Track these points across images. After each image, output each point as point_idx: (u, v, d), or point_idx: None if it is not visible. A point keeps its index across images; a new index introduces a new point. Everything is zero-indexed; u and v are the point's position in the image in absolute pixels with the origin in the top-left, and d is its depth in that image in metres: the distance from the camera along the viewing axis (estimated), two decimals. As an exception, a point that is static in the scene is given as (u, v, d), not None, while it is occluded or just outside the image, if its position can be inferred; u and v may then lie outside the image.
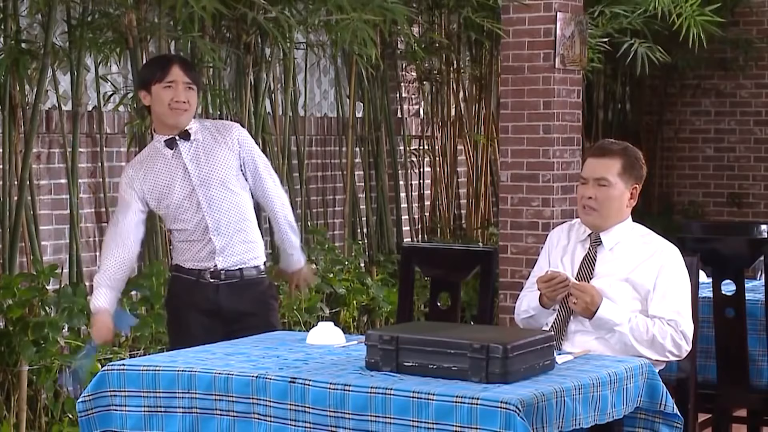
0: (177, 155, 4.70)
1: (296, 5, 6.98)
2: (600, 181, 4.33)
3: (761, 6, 10.28)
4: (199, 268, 4.73)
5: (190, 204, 4.69)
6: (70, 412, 5.67)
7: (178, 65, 4.69)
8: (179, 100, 4.64)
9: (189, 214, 4.70)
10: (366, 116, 8.18)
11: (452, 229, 8.89)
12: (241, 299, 4.72)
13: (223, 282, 4.72)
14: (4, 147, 6.02)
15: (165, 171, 4.71)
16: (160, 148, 4.72)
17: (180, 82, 4.65)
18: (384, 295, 7.44)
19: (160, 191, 4.71)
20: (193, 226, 4.70)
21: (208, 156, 4.70)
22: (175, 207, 4.71)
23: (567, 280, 4.29)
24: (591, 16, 7.81)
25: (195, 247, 4.74)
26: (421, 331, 3.68)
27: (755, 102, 10.35)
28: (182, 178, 4.69)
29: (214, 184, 4.69)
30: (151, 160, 4.75)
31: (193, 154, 4.70)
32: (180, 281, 4.80)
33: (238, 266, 4.73)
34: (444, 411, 3.32)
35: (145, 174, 4.72)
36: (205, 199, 4.68)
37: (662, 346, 4.20)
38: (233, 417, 3.62)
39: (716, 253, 5.29)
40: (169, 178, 4.70)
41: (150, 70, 4.75)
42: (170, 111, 4.65)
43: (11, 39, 6.02)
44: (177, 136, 4.70)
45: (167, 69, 4.66)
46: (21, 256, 6.06)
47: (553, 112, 7.12)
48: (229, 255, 4.72)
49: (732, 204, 10.41)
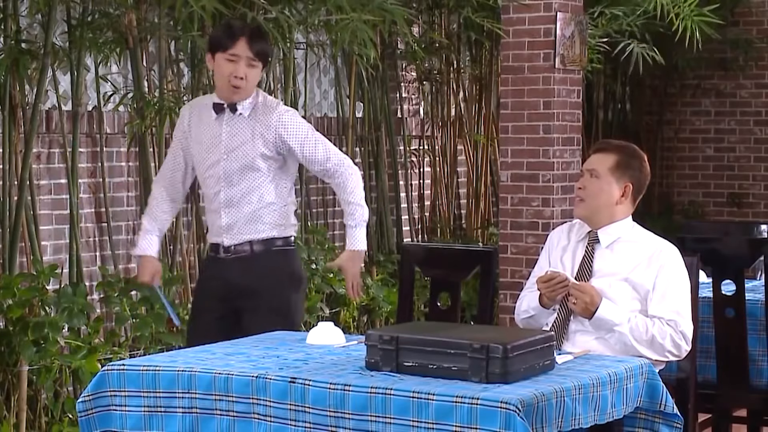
0: (219, 122, 4.76)
1: (296, 5, 6.97)
2: (591, 172, 4.38)
3: (761, 6, 10.28)
4: (215, 242, 4.82)
5: (214, 172, 4.76)
6: (70, 412, 5.68)
7: (245, 39, 4.67)
8: (238, 75, 4.66)
9: (211, 182, 4.77)
10: (366, 116, 8.19)
11: (452, 229, 8.89)
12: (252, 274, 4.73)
13: (234, 256, 4.76)
14: (4, 147, 6.02)
15: (205, 127, 4.79)
16: (210, 107, 4.79)
17: (243, 56, 4.66)
18: (384, 295, 7.44)
19: (197, 140, 4.79)
20: (211, 194, 4.78)
21: (243, 132, 4.73)
22: (202, 166, 4.79)
23: (567, 280, 4.29)
24: (591, 16, 7.81)
25: (211, 218, 4.83)
26: (421, 331, 3.68)
27: (755, 102, 10.35)
28: (214, 144, 4.75)
29: (237, 161, 4.72)
30: (201, 109, 4.84)
31: (231, 127, 4.74)
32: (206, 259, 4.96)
33: (247, 241, 4.76)
34: (444, 411, 3.32)
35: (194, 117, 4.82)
36: (224, 173, 4.73)
37: (662, 346, 4.20)
38: (233, 417, 3.62)
39: (716, 253, 5.29)
40: (205, 135, 4.78)
41: (218, 37, 4.75)
42: (227, 85, 4.69)
43: (11, 39, 6.02)
44: (226, 104, 4.74)
45: (234, 41, 4.66)
46: (21, 256, 6.06)
47: (553, 112, 7.12)
48: (236, 234, 4.76)
49: (732, 204, 10.41)
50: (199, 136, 4.80)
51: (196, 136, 4.81)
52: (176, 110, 6.50)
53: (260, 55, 4.70)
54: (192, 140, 4.82)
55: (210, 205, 4.81)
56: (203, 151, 4.78)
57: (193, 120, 4.83)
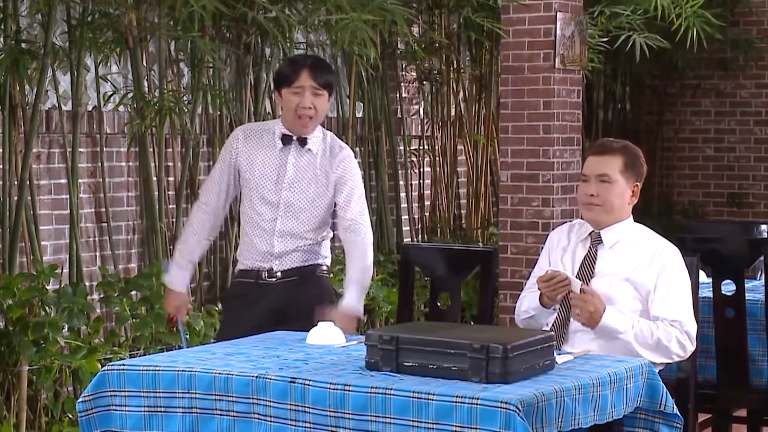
0: (285, 153, 4.77)
1: (296, 5, 6.97)
2: (602, 177, 4.34)
3: (761, 6, 10.27)
4: (257, 268, 4.78)
5: (273, 200, 4.75)
6: (70, 412, 5.68)
7: (307, 70, 4.72)
8: (305, 105, 4.69)
9: (268, 208, 4.75)
10: (366, 116, 8.18)
11: (452, 229, 8.89)
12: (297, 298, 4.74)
13: (280, 280, 4.75)
14: (4, 147, 6.02)
15: (268, 156, 4.78)
16: (275, 137, 4.79)
17: (307, 87, 4.70)
18: (384, 295, 7.43)
19: (257, 167, 4.77)
20: (264, 222, 4.75)
21: (309, 169, 4.75)
22: (259, 192, 4.76)
23: (567, 279, 4.29)
24: (591, 15, 7.81)
25: (259, 245, 4.77)
26: (421, 331, 3.68)
27: (755, 102, 10.35)
28: (277, 175, 4.75)
29: (299, 194, 4.74)
30: (263, 137, 4.81)
31: (297, 160, 4.76)
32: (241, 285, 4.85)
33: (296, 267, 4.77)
34: (444, 411, 3.32)
35: (252, 145, 4.79)
36: (284, 203, 4.74)
37: (667, 349, 4.20)
38: (233, 417, 3.62)
39: (716, 253, 5.30)
40: (267, 164, 4.77)
41: (281, 73, 4.81)
42: (296, 118, 4.71)
43: (11, 39, 6.02)
44: (296, 137, 4.76)
45: (297, 74, 4.71)
46: (21, 256, 6.06)
47: (553, 112, 7.12)
48: (289, 260, 4.78)
49: (732, 204, 10.41)
50: (256, 161, 4.77)
51: (251, 160, 4.78)
52: (176, 110, 6.51)
53: (325, 85, 4.74)
54: (245, 163, 4.78)
55: (257, 230, 4.77)
56: (265, 179, 4.75)
57: (249, 143, 4.80)
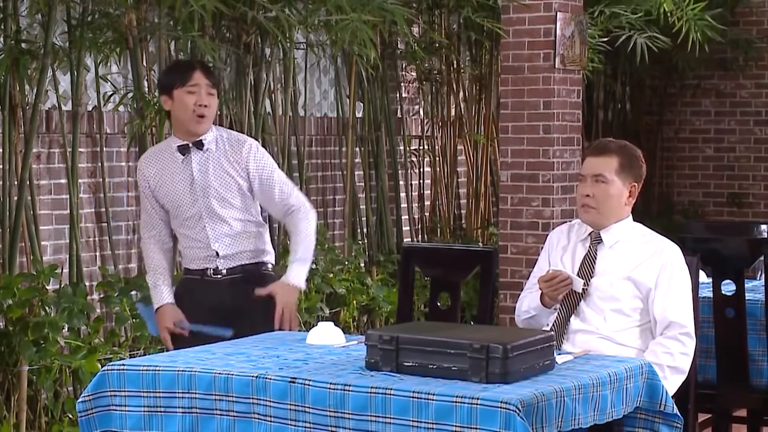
0: (187, 162, 4.78)
1: (296, 5, 6.97)
2: (598, 177, 4.34)
3: (761, 6, 10.27)
4: (202, 268, 4.81)
5: (194, 211, 4.77)
6: (70, 412, 5.68)
7: (200, 70, 4.77)
8: (202, 103, 4.71)
9: (192, 221, 4.78)
10: (366, 116, 8.18)
11: (452, 229, 8.89)
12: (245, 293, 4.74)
13: (224, 278, 4.78)
14: (4, 147, 6.02)
15: (174, 173, 4.79)
16: (173, 151, 4.80)
17: (203, 85, 4.74)
18: (384, 295, 7.44)
19: (167, 188, 4.79)
20: (195, 233, 4.79)
21: (216, 168, 4.77)
22: (180, 210, 4.79)
23: (568, 278, 4.29)
24: (591, 15, 7.81)
25: (199, 253, 4.81)
26: (421, 331, 3.68)
27: (755, 102, 10.35)
28: (188, 185, 4.77)
29: (215, 196, 4.76)
30: (163, 156, 4.83)
31: (202, 164, 4.77)
32: (186, 282, 4.89)
33: (240, 265, 4.81)
34: (444, 411, 3.32)
35: (155, 168, 4.81)
36: (206, 210, 4.76)
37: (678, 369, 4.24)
38: (233, 417, 3.62)
39: (716, 253, 5.30)
40: (176, 180, 4.78)
41: (172, 74, 4.84)
42: (192, 116, 4.72)
43: (11, 39, 6.02)
44: (191, 143, 4.77)
45: (190, 73, 4.74)
46: (21, 256, 6.06)
47: (553, 112, 7.12)
48: (231, 260, 4.80)
49: (732, 204, 10.41)
50: (168, 184, 4.79)
51: (163, 185, 4.79)
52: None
53: (216, 84, 4.81)
54: (160, 190, 4.80)
55: (194, 243, 4.80)
56: (179, 196, 4.78)
57: (154, 171, 4.81)
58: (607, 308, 4.31)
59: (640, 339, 4.31)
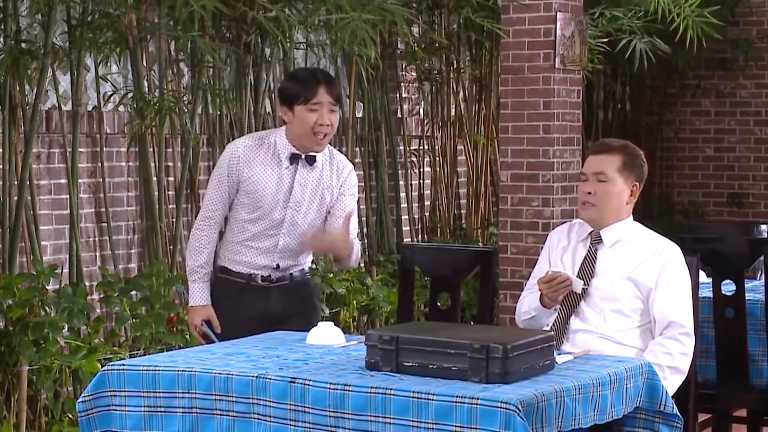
0: (292, 171, 4.68)
1: (296, 5, 6.97)
2: (599, 176, 4.35)
3: (761, 6, 10.27)
4: (250, 272, 4.74)
5: (276, 219, 4.69)
6: (70, 412, 5.68)
7: (324, 85, 4.62)
8: (324, 123, 4.61)
9: (268, 226, 4.69)
10: (366, 116, 8.18)
11: (452, 229, 8.89)
12: (290, 300, 4.74)
13: (272, 284, 4.74)
14: (4, 147, 6.02)
15: (271, 172, 4.68)
16: (281, 154, 4.68)
17: (325, 103, 4.61)
18: (384, 295, 7.44)
19: (261, 187, 4.67)
20: (264, 239, 4.71)
21: (316, 187, 4.70)
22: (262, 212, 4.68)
23: (568, 279, 4.29)
24: (591, 17, 7.81)
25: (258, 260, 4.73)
26: (421, 331, 3.68)
27: (755, 102, 10.34)
28: (283, 192, 4.67)
29: (303, 213, 4.70)
30: (265, 152, 4.70)
31: (305, 178, 4.69)
32: (228, 284, 4.77)
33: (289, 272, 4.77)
34: (444, 411, 3.32)
35: (259, 164, 4.67)
36: (289, 221, 4.69)
37: (678, 369, 4.24)
38: (233, 417, 3.62)
39: (716, 253, 5.30)
40: (273, 183, 4.67)
41: (295, 88, 4.66)
42: (312, 135, 4.61)
43: (11, 39, 6.02)
44: (304, 155, 4.68)
45: (314, 90, 4.60)
46: (21, 256, 6.06)
47: (553, 112, 7.12)
48: (286, 267, 4.75)
49: (732, 204, 10.41)
50: (260, 178, 4.68)
51: (255, 177, 4.67)
52: (176, 110, 6.51)
53: (338, 99, 4.69)
54: (247, 180, 4.68)
55: (256, 243, 4.71)
56: (268, 196, 4.67)
57: (251, 160, 4.68)
58: (607, 308, 4.31)
59: (640, 339, 4.31)
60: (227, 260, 4.77)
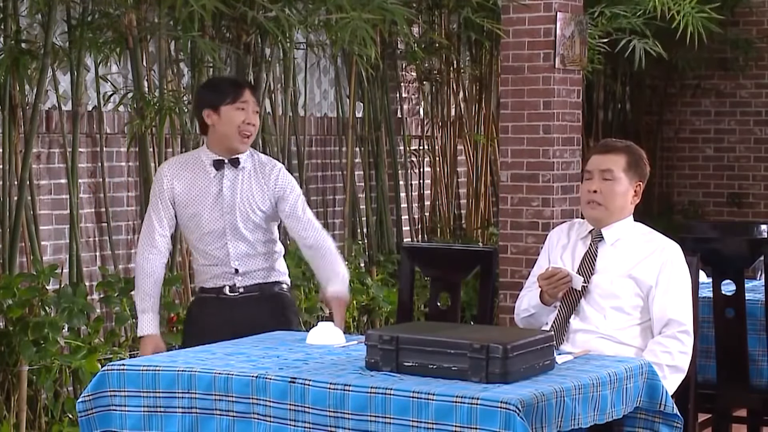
0: (218, 177, 4.73)
1: (296, 5, 6.97)
2: (605, 174, 4.35)
3: (761, 6, 10.27)
4: (218, 286, 4.77)
5: (216, 227, 4.72)
6: (70, 412, 5.68)
7: (248, 89, 4.76)
8: (250, 122, 4.68)
9: (213, 237, 4.73)
10: (366, 116, 8.18)
11: (452, 229, 8.89)
12: (260, 313, 4.73)
13: (241, 295, 4.75)
14: (4, 147, 6.02)
15: (202, 186, 4.73)
16: (206, 164, 4.74)
17: (251, 103, 4.71)
18: (384, 295, 7.43)
19: (193, 201, 4.73)
20: (215, 249, 4.73)
21: (245, 187, 4.73)
22: (201, 224, 4.73)
23: (568, 276, 4.30)
24: (591, 16, 7.81)
25: (217, 270, 4.76)
26: (421, 331, 3.68)
27: (755, 102, 10.35)
28: (214, 200, 4.72)
29: (241, 215, 4.71)
30: (192, 168, 4.76)
31: (232, 182, 4.73)
32: (200, 301, 4.84)
33: (257, 283, 4.77)
34: (444, 411, 3.32)
35: (184, 180, 4.74)
36: (230, 227, 4.71)
37: (678, 368, 4.24)
38: (233, 417, 3.62)
39: (716, 253, 5.30)
40: (203, 194, 4.72)
41: (221, 90, 4.75)
42: (238, 134, 4.68)
43: (11, 39, 6.02)
44: (227, 159, 4.73)
45: (241, 91, 4.71)
46: (21, 256, 6.06)
47: (553, 112, 7.12)
48: (249, 277, 4.76)
49: (732, 204, 10.41)
50: (194, 197, 4.73)
51: (190, 197, 4.73)
52: (176, 110, 6.51)
53: (258, 104, 4.80)
54: (185, 203, 4.73)
55: (212, 260, 4.74)
56: (204, 210, 4.72)
57: (182, 183, 4.74)
58: (607, 306, 4.31)
59: (640, 337, 4.31)
60: (198, 280, 4.86)
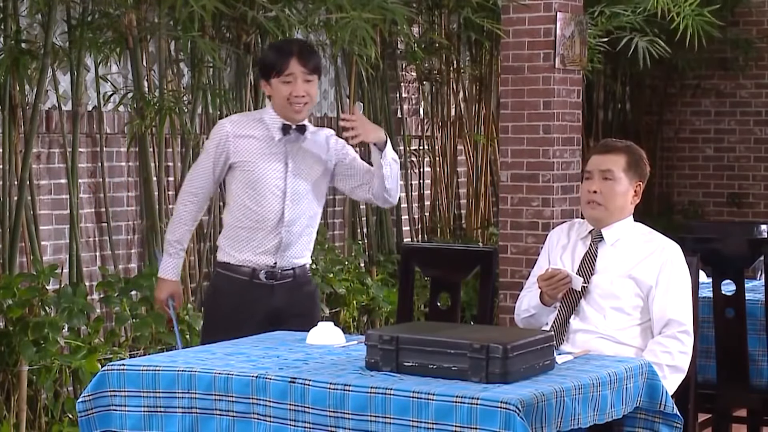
0: (284, 142, 4.68)
1: (296, 5, 6.97)
2: (605, 174, 4.35)
3: (761, 6, 10.28)
4: (253, 266, 4.69)
5: (275, 189, 4.66)
6: (70, 412, 5.68)
7: (296, 58, 4.62)
8: (298, 94, 4.62)
9: (269, 199, 4.66)
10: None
11: (452, 229, 8.89)
12: (293, 299, 4.71)
13: (278, 282, 4.70)
14: (4, 147, 6.02)
15: (264, 145, 4.67)
16: (272, 128, 4.68)
17: (298, 74, 4.62)
18: (384, 295, 7.44)
19: (249, 157, 4.66)
20: (269, 212, 4.65)
21: (310, 153, 4.71)
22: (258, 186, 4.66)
23: (568, 277, 4.30)
24: (591, 16, 7.81)
25: (258, 237, 4.68)
26: (421, 331, 3.68)
27: (755, 102, 10.35)
28: (277, 163, 4.66)
29: (303, 180, 4.68)
30: (255, 126, 4.71)
31: (298, 148, 4.70)
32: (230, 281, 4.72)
33: (292, 266, 4.72)
34: (444, 411, 3.32)
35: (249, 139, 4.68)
36: (291, 191, 4.66)
37: (678, 368, 4.24)
38: (233, 417, 3.62)
39: (716, 253, 5.30)
40: (264, 153, 4.67)
41: (269, 61, 4.68)
42: (289, 105, 4.64)
43: (11, 39, 6.02)
44: (294, 125, 4.68)
45: (286, 62, 4.61)
46: (21, 256, 6.06)
47: (553, 112, 7.12)
48: (290, 254, 4.70)
49: (732, 204, 10.41)
50: (253, 151, 4.66)
51: (247, 151, 4.66)
52: (176, 110, 6.51)
53: (315, 70, 4.67)
54: (240, 154, 4.66)
55: (260, 223, 4.67)
56: (256, 165, 4.65)
57: (241, 134, 4.68)
58: (607, 306, 4.31)
59: (640, 338, 4.31)
60: (228, 255, 4.73)
